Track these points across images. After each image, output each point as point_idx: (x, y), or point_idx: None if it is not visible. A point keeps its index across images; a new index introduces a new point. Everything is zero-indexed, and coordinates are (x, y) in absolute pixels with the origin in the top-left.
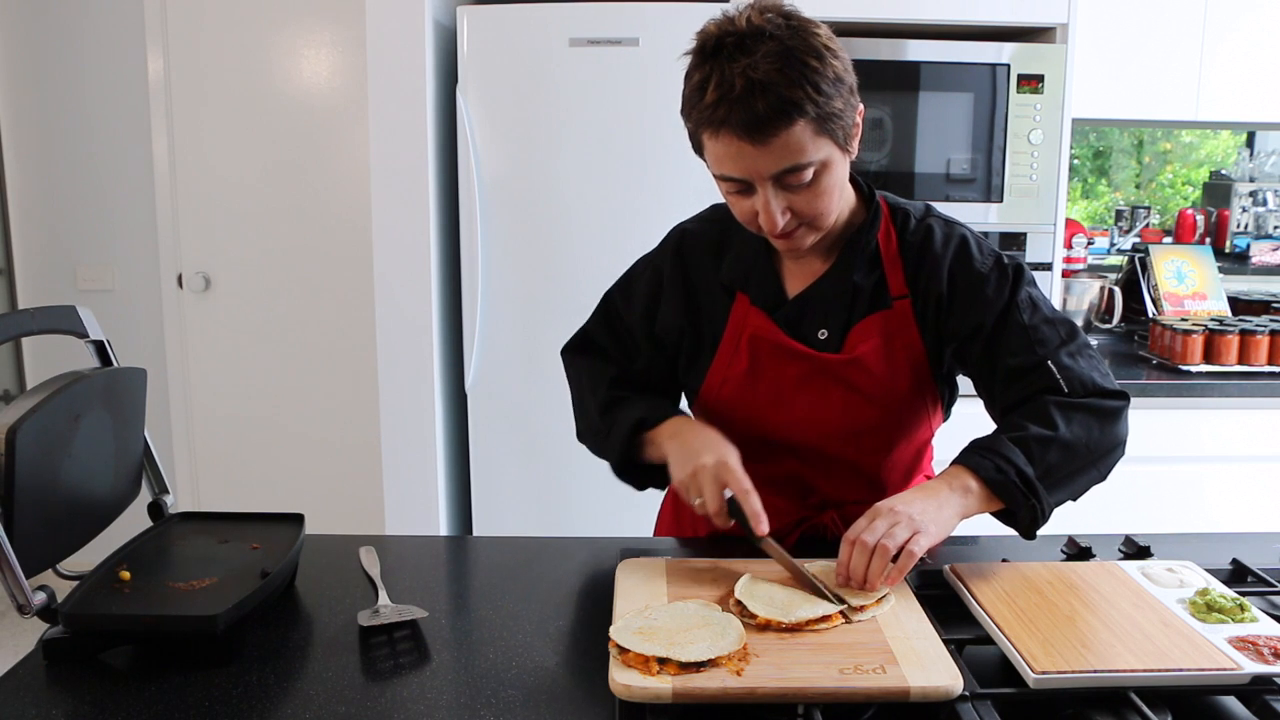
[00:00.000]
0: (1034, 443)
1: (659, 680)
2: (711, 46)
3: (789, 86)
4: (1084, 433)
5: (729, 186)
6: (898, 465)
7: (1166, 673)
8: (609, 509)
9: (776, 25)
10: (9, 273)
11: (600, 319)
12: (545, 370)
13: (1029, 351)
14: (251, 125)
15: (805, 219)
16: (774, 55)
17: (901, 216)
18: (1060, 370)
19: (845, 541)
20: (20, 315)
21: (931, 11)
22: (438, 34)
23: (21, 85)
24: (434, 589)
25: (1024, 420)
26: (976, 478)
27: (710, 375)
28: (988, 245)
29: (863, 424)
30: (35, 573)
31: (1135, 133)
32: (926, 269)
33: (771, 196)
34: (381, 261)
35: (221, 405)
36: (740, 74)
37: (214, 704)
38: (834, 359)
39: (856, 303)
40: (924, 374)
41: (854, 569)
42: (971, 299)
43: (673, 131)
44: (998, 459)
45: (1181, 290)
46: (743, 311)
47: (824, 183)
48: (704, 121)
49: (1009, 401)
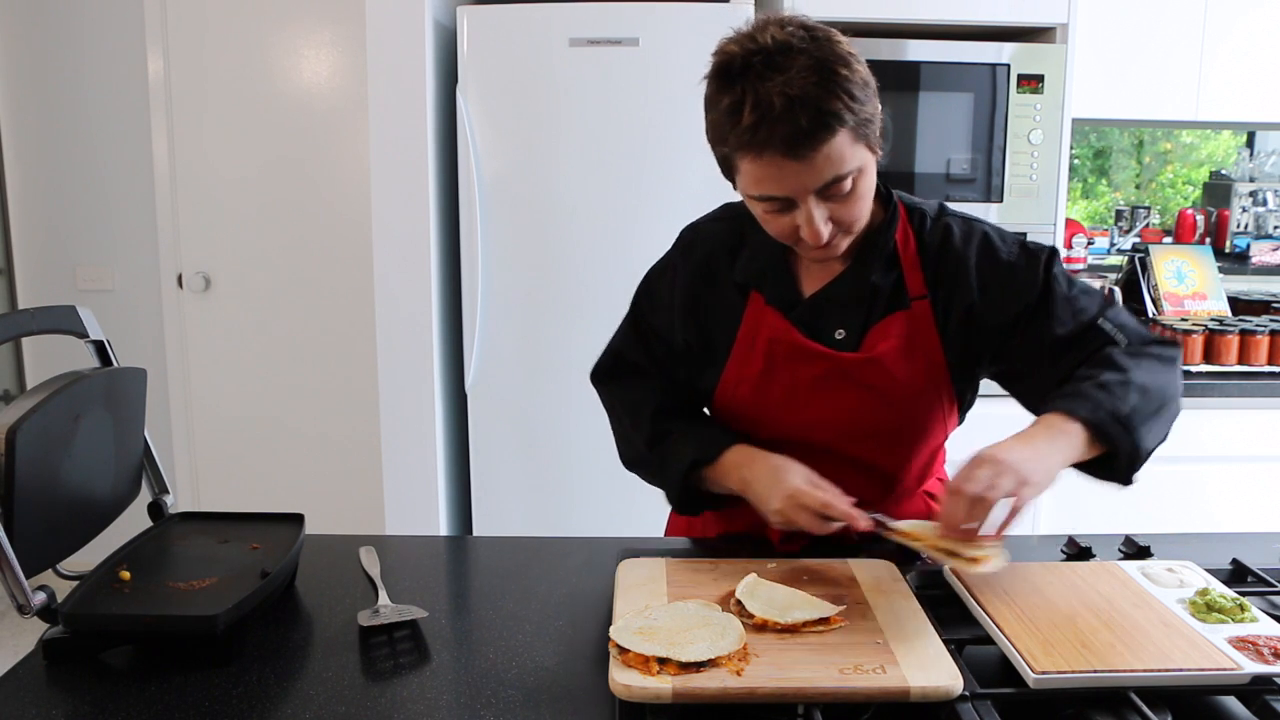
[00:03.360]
0: (1115, 386)
1: (659, 680)
2: (739, 67)
3: (827, 98)
4: (1152, 378)
5: (769, 206)
6: (913, 467)
7: (1166, 673)
8: (609, 509)
9: (801, 38)
10: (9, 273)
11: (630, 334)
12: (545, 370)
13: (1075, 319)
14: (251, 125)
15: (844, 226)
16: (807, 69)
17: (918, 216)
18: (1114, 326)
19: (948, 491)
20: (20, 315)
21: (931, 11)
22: (438, 34)
23: (21, 85)
24: (434, 589)
25: (1092, 369)
26: (1074, 419)
27: (725, 377)
28: (1009, 235)
29: (879, 424)
30: (35, 573)
31: (1135, 133)
32: (949, 270)
33: (815, 210)
34: (382, 261)
35: (221, 405)
36: (777, 92)
37: (214, 704)
38: (853, 359)
39: (875, 303)
40: (941, 375)
41: (951, 518)
42: (1007, 289)
43: (672, 131)
44: (1088, 401)
45: (1181, 290)
46: (757, 311)
47: (861, 188)
48: (743, 145)
49: (1067, 369)
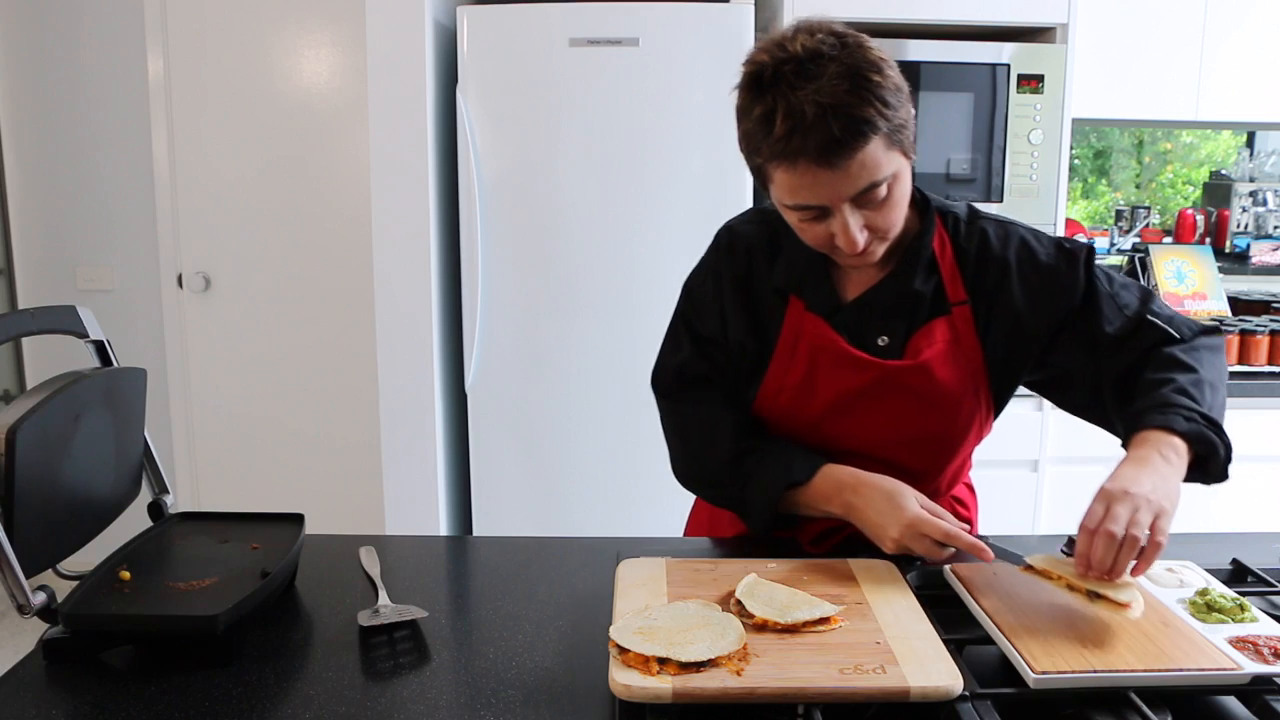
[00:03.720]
0: (1191, 388)
1: (659, 680)
2: (770, 76)
3: (860, 106)
4: (1217, 373)
5: (803, 215)
6: (947, 472)
7: (1166, 673)
8: (609, 509)
9: (831, 45)
10: (9, 273)
11: (688, 345)
12: (545, 370)
13: (1121, 317)
14: (251, 125)
15: (879, 233)
16: (839, 76)
17: (951, 220)
18: (1165, 321)
19: (1083, 531)
20: (20, 315)
21: (931, 11)
22: (438, 34)
23: (21, 85)
24: (434, 589)
25: (1163, 373)
26: (1175, 433)
27: (766, 383)
28: (1044, 235)
29: (921, 431)
30: (35, 573)
31: (1135, 133)
32: (992, 276)
33: (850, 218)
34: (382, 261)
35: (221, 405)
36: (809, 100)
37: (214, 704)
38: (899, 366)
39: (917, 309)
40: (981, 380)
41: (1100, 561)
42: (1050, 292)
43: (672, 131)
44: (1181, 411)
45: (1182, 290)
46: (797, 317)
47: (896, 194)
48: (777, 154)
49: (1122, 366)
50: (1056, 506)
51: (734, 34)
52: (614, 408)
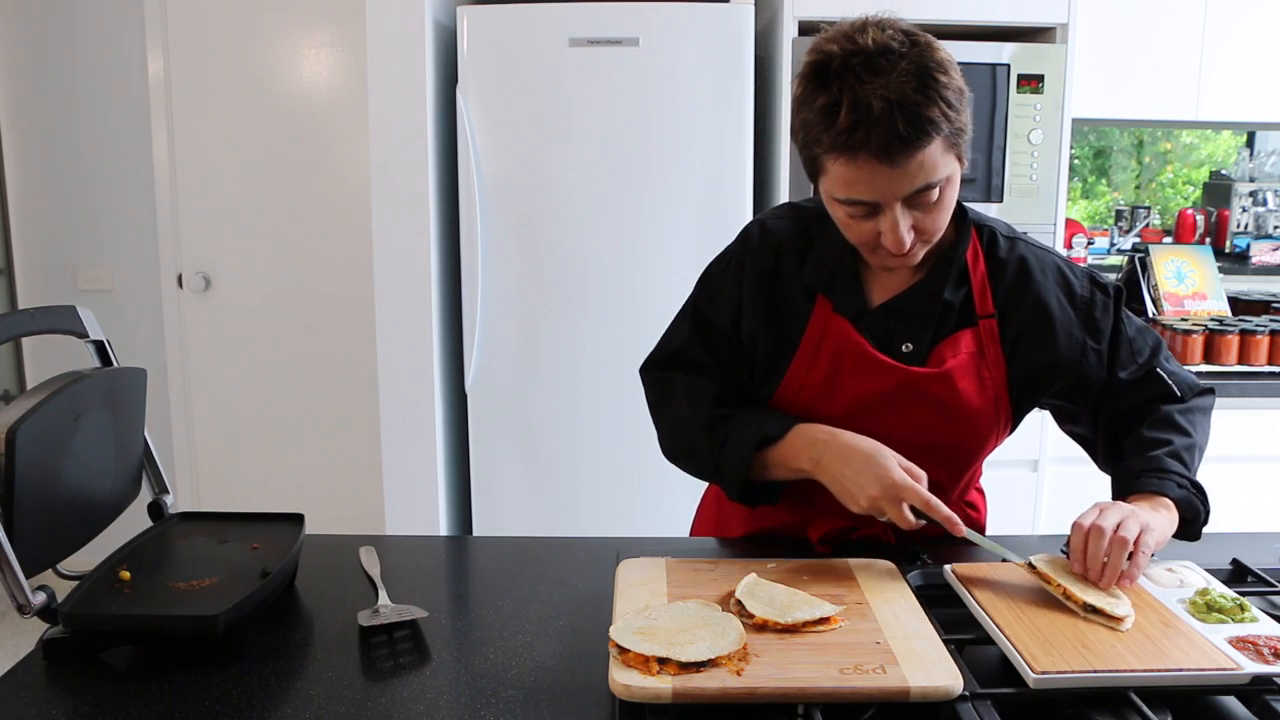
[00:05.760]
0: (1184, 452)
1: (659, 680)
2: (837, 67)
3: (926, 105)
4: (1204, 436)
5: (853, 210)
6: (961, 479)
7: (1166, 673)
8: (609, 509)
9: (901, 43)
10: (9, 273)
11: (690, 332)
12: (545, 370)
13: (1134, 363)
14: (252, 125)
15: (925, 235)
16: (908, 74)
17: (988, 235)
18: (1169, 376)
19: (1076, 528)
20: (20, 315)
21: (931, 11)
22: (438, 34)
23: (21, 85)
24: (434, 589)
25: (1161, 433)
26: (1168, 497)
27: (786, 381)
28: (1078, 268)
29: (939, 439)
30: (35, 573)
31: (1135, 133)
32: (1027, 300)
33: (900, 217)
34: (382, 261)
35: (221, 405)
36: (876, 95)
37: (214, 704)
38: (923, 373)
39: (945, 318)
40: (1002, 393)
41: (1092, 555)
42: (1081, 326)
43: (672, 131)
44: (1173, 477)
45: (1181, 290)
46: (824, 317)
47: (947, 197)
48: (838, 146)
49: (1120, 410)
50: (1056, 506)
51: (734, 34)
52: (614, 408)
